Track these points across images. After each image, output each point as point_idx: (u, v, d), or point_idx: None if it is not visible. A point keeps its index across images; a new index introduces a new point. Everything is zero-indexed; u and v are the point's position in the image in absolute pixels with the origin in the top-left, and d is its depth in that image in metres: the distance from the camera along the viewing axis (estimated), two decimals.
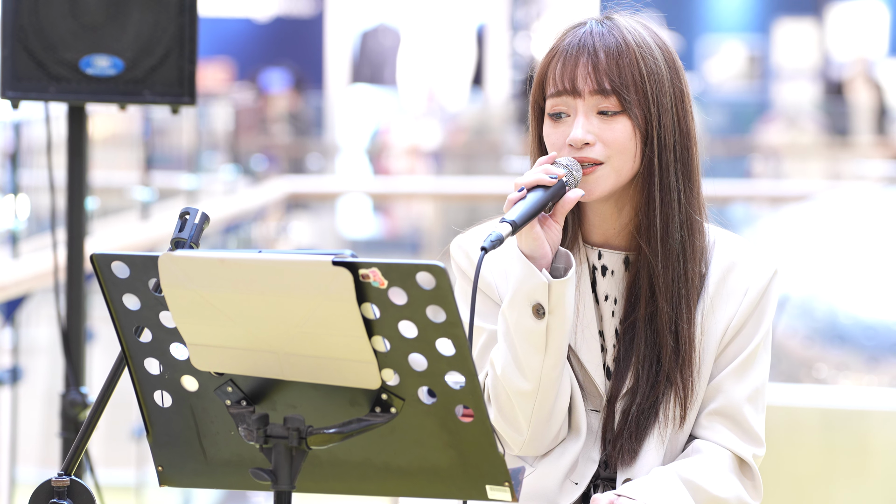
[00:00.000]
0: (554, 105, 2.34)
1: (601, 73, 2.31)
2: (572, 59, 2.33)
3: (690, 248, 2.35)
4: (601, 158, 2.31)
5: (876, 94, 14.21)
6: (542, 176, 2.25)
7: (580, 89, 2.32)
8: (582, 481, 2.37)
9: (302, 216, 10.43)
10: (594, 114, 2.32)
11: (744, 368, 2.36)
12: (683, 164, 2.36)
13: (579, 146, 2.31)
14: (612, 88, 2.31)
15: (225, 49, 15.50)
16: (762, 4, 17.64)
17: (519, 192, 2.24)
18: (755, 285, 2.36)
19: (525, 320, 2.27)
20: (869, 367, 4.33)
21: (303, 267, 1.89)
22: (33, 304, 4.71)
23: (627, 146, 2.32)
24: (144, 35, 3.26)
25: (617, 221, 2.37)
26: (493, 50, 16.07)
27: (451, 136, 13.72)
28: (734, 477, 2.35)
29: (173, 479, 2.09)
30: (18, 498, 4.31)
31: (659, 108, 2.33)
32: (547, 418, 2.32)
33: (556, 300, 2.25)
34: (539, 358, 2.28)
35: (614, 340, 2.38)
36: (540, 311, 2.26)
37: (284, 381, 1.97)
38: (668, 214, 2.34)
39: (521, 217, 2.21)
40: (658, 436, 2.34)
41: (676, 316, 2.33)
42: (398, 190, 10.36)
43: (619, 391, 2.35)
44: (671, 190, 2.34)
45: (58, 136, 3.43)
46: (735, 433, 2.35)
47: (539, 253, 2.26)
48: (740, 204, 9.23)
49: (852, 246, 4.67)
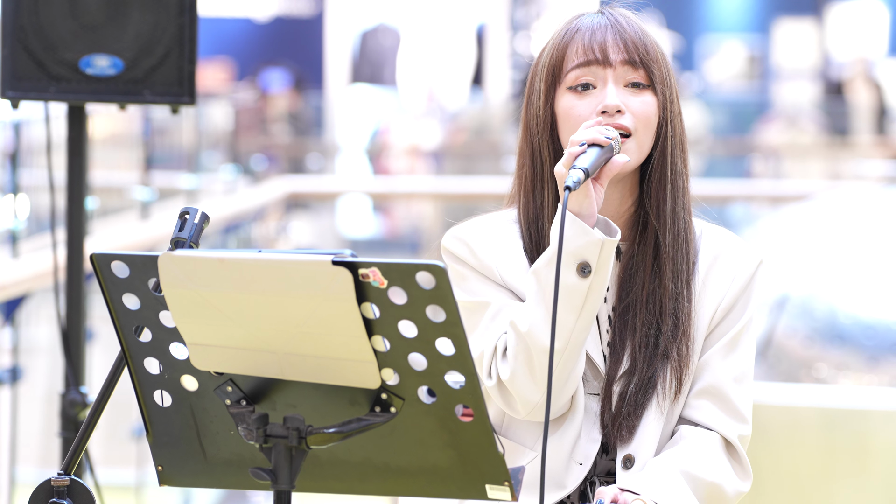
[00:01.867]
0: (579, 76, 2.38)
1: (630, 46, 2.37)
2: (600, 31, 2.38)
3: (688, 232, 2.41)
4: (630, 128, 2.35)
5: (876, 94, 14.21)
6: (598, 135, 2.28)
7: (611, 59, 2.37)
8: (586, 462, 2.39)
9: (302, 216, 10.43)
10: (623, 85, 2.37)
11: (730, 348, 2.41)
12: (683, 153, 2.42)
13: (613, 112, 2.34)
14: (642, 62, 2.36)
15: (225, 49, 15.49)
16: (762, 4, 17.64)
17: (581, 146, 2.27)
18: (742, 273, 2.43)
19: (570, 278, 2.28)
20: (869, 367, 4.33)
21: (303, 267, 1.89)
22: (33, 304, 4.71)
23: (652, 120, 2.37)
24: (144, 35, 3.26)
25: (617, 209, 2.40)
26: (493, 50, 16.06)
27: (451, 136, 13.72)
28: (725, 460, 2.39)
29: (173, 479, 2.09)
30: (18, 497, 4.31)
31: (673, 92, 2.39)
32: (565, 381, 2.33)
33: (604, 259, 2.27)
34: (573, 317, 2.29)
35: (607, 325, 2.41)
36: (585, 270, 2.27)
37: (284, 381, 1.97)
38: (675, 197, 2.39)
39: (592, 165, 2.25)
40: (657, 408, 2.37)
41: (677, 293, 2.37)
42: (398, 190, 10.35)
43: (616, 373, 2.38)
44: (678, 174, 2.40)
45: (58, 136, 3.43)
46: (722, 410, 2.40)
47: (588, 212, 2.28)
48: (740, 204, 9.24)
49: (852, 246, 4.67)
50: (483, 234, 2.42)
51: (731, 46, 17.39)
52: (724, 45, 17.37)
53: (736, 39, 17.42)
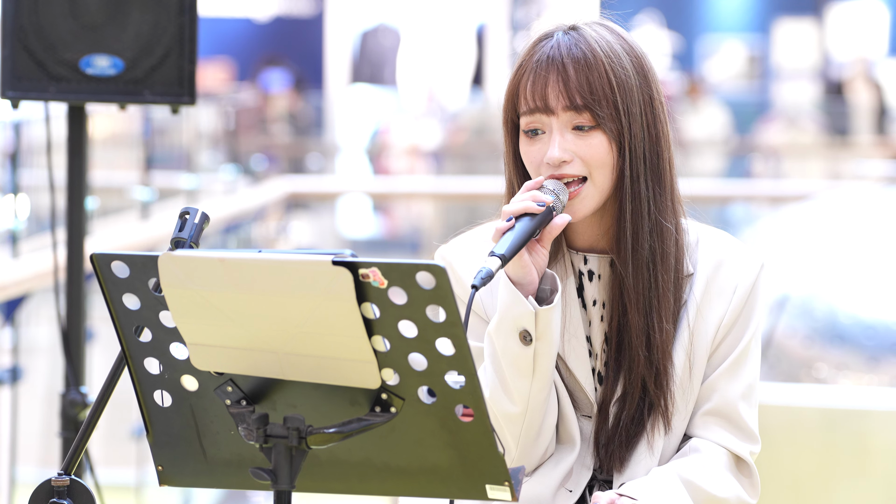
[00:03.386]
0: (528, 123, 2.33)
1: (572, 89, 2.29)
2: (542, 76, 2.31)
3: (661, 255, 2.33)
4: (581, 173, 2.30)
5: (876, 94, 14.22)
6: (530, 204, 2.24)
7: (552, 107, 2.30)
8: (576, 489, 2.38)
9: (302, 216, 10.43)
10: (569, 130, 2.31)
11: (737, 366, 2.37)
12: (653, 171, 2.34)
13: (557, 164, 2.30)
14: (584, 104, 2.29)
15: (225, 49, 15.50)
16: (762, 4, 17.65)
17: (507, 221, 2.24)
18: (744, 282, 2.37)
19: (512, 346, 2.27)
20: (869, 367, 4.33)
21: (303, 267, 1.89)
22: (33, 304, 4.71)
23: (606, 160, 2.31)
24: (144, 35, 3.26)
25: (599, 226, 2.37)
26: (493, 50, 16.07)
27: (451, 136, 13.72)
28: (732, 476, 2.35)
29: (173, 479, 2.09)
30: (18, 497, 4.31)
31: (630, 117, 2.31)
32: (535, 438, 2.34)
33: (543, 327, 2.26)
34: (527, 382, 2.29)
35: (603, 345, 2.38)
36: (527, 338, 2.26)
37: (284, 381, 1.97)
38: (637, 224, 2.32)
39: (510, 249, 2.21)
40: (646, 444, 2.35)
41: (648, 326, 2.32)
42: (398, 190, 10.36)
43: (612, 395, 2.36)
44: (641, 199, 2.32)
45: (58, 136, 3.43)
46: (731, 432, 2.36)
47: (526, 279, 2.27)
48: (740, 204, 9.24)
49: (852, 246, 4.67)
50: (470, 257, 2.38)
51: (731, 46, 17.40)
52: (724, 45, 17.38)
53: (736, 39, 17.43)
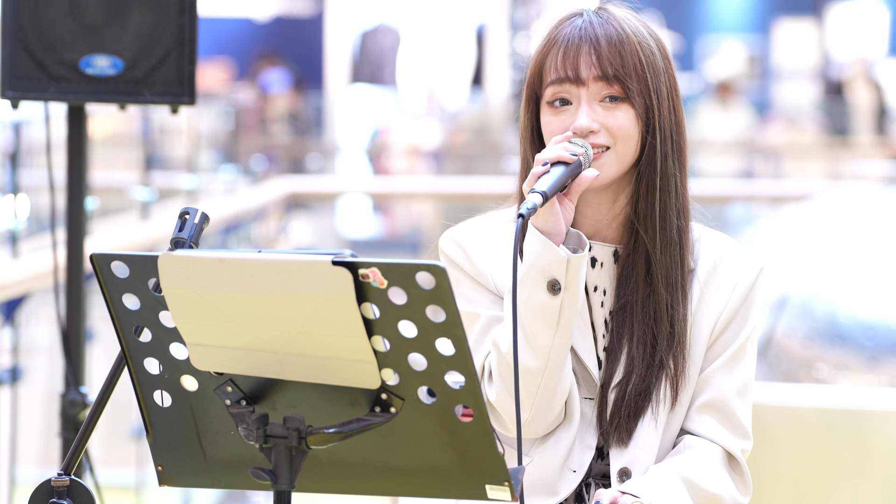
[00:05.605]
0: (555, 93, 2.36)
1: (604, 60, 2.34)
2: (574, 47, 2.35)
3: (686, 236, 2.39)
4: (606, 143, 2.34)
5: (876, 94, 14.21)
6: (563, 153, 2.27)
7: (584, 77, 2.34)
8: (580, 469, 2.38)
9: (302, 216, 10.44)
10: (597, 102, 2.35)
11: (733, 362, 2.39)
12: (678, 154, 2.39)
13: (584, 134, 2.33)
14: (616, 76, 2.33)
15: (225, 49, 15.50)
16: (762, 4, 17.64)
17: (543, 166, 2.26)
18: (743, 281, 2.40)
19: (539, 296, 2.28)
20: (869, 367, 4.33)
21: (303, 267, 1.89)
22: (33, 304, 4.71)
23: (631, 133, 2.35)
24: (144, 35, 3.26)
25: (610, 212, 2.39)
26: (493, 50, 16.07)
27: (451, 136, 13.73)
28: (726, 473, 2.38)
29: (173, 479, 2.09)
30: (18, 498, 4.31)
31: (658, 97, 2.36)
32: (551, 397, 2.33)
33: (572, 276, 2.27)
34: (550, 335, 2.29)
35: (604, 330, 2.40)
36: (555, 287, 2.27)
37: (284, 381, 1.97)
38: (666, 202, 2.37)
39: (551, 188, 2.24)
40: (651, 416, 2.36)
41: (672, 300, 2.36)
42: (398, 190, 10.36)
43: (612, 378, 2.37)
44: (669, 177, 2.37)
45: (58, 136, 3.43)
46: (724, 426, 2.38)
47: (555, 229, 2.28)
48: (740, 204, 9.24)
49: (852, 246, 4.67)
50: (479, 236, 2.42)
51: (731, 46, 17.39)
52: (724, 45, 17.37)
53: (736, 39, 17.42)
